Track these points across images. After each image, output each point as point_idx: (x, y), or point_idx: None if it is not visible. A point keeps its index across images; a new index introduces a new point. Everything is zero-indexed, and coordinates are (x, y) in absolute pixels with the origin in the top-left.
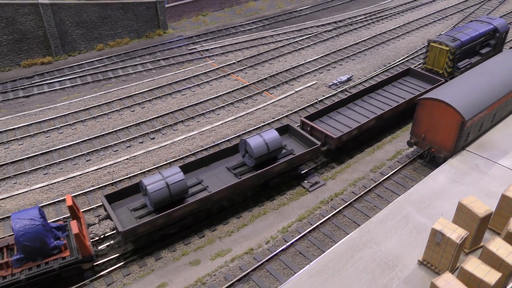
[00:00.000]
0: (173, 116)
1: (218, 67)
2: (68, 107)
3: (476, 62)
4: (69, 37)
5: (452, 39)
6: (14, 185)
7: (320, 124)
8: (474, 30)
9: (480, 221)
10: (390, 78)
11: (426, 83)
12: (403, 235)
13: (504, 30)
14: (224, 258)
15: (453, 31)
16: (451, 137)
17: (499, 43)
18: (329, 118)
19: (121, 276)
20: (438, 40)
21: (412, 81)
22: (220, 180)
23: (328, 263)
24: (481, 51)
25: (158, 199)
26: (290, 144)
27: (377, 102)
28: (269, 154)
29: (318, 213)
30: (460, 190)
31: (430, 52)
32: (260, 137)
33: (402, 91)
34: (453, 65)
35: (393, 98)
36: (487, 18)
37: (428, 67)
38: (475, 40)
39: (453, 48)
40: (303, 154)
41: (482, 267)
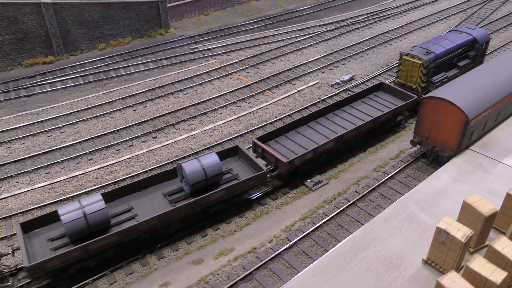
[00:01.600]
0: (175, 115)
1: (220, 66)
2: (70, 107)
3: (453, 75)
4: (71, 36)
5: (426, 52)
6: (16, 184)
7: (275, 145)
8: (450, 41)
9: (485, 220)
10: (361, 93)
11: (398, 99)
12: (407, 234)
13: (484, 41)
14: (227, 257)
15: (427, 43)
16: (455, 136)
17: (479, 54)
18: (286, 139)
19: (123, 275)
20: (411, 53)
21: (384, 97)
22: (153, 207)
23: (331, 262)
24: (459, 63)
25: (74, 230)
26: (237, 168)
27: (341, 121)
28: (207, 180)
29: (321, 212)
30: (464, 189)
31: (403, 65)
32: (197, 161)
33: (370, 108)
34: (427, 80)
35: (360, 116)
36: (466, 28)
37: (401, 81)
38: (452, 52)
39: (426, 61)
40: (247, 181)
41: (488, 266)
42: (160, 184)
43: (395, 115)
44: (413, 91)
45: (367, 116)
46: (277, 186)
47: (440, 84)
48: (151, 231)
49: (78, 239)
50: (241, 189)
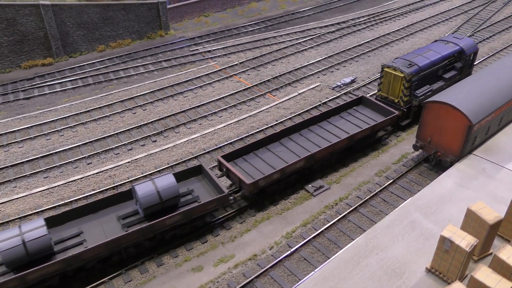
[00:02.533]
0: (175, 118)
1: (220, 68)
2: (69, 109)
3: (438, 88)
4: (70, 38)
5: (408, 64)
6: (14, 189)
7: (242, 163)
8: (436, 52)
9: (489, 228)
10: (341, 107)
11: (378, 115)
12: (410, 241)
13: (471, 52)
14: (227, 264)
15: (411, 54)
16: (458, 140)
17: (467, 65)
18: (255, 157)
19: (122, 282)
20: (392, 66)
21: (364, 111)
22: (104, 232)
23: (333, 270)
24: (445, 75)
25: (11, 258)
26: (200, 189)
27: (316, 138)
28: (162, 203)
29: (322, 218)
30: (467, 195)
31: (384, 78)
32: (152, 184)
33: (348, 124)
34: (410, 93)
35: (336, 132)
36: (453, 37)
37: (383, 95)
38: (437, 64)
39: (409, 74)
40: (206, 204)
41: (493, 276)
42: (117, 206)
43: (373, 132)
44: (395, 105)
45: (344, 133)
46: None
47: (424, 98)
48: (100, 258)
49: (18, 268)
50: (200, 213)
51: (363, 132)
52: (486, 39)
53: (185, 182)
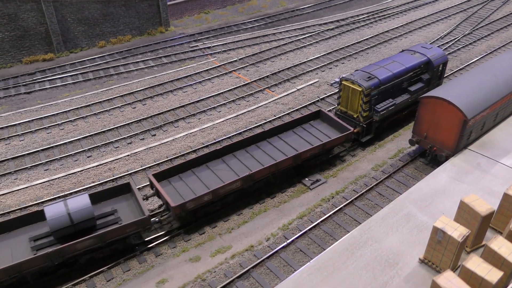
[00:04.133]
0: (174, 113)
1: (219, 64)
2: (70, 104)
3: (403, 102)
4: (71, 34)
5: (368, 77)
6: (15, 181)
7: (176, 182)
8: (400, 63)
9: (482, 219)
10: (296, 121)
11: (335, 131)
12: (404, 233)
13: (439, 63)
14: (224, 254)
15: (373, 66)
16: (453, 135)
17: (435, 77)
18: (192, 175)
19: (120, 272)
20: (350, 79)
21: (320, 127)
22: (12, 255)
23: (328, 260)
24: (411, 88)
25: None
26: (125, 209)
27: (262, 155)
28: (74, 226)
29: (319, 210)
30: (462, 188)
31: (343, 92)
32: (63, 205)
33: (300, 140)
34: (370, 108)
35: (285, 150)
36: (421, 47)
37: (342, 109)
38: (400, 76)
39: (367, 88)
40: (124, 227)
41: (484, 266)
42: (33, 225)
43: (325, 150)
44: (354, 120)
45: (293, 150)
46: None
47: (386, 113)
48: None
49: None
50: (118, 236)
51: (312, 150)
52: (484, 37)
53: (111, 201)
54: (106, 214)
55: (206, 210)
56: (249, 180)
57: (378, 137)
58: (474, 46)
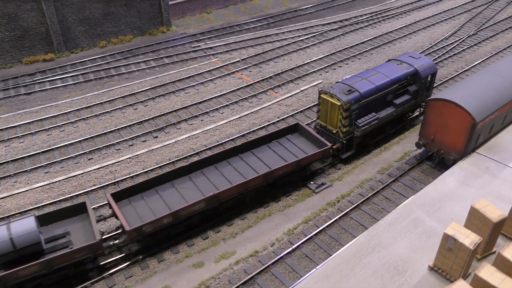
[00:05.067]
0: (177, 114)
1: (222, 65)
2: (70, 105)
3: (387, 116)
4: (72, 34)
5: (348, 91)
6: (15, 184)
7: (137, 201)
8: (384, 75)
9: (493, 226)
10: (271, 135)
11: (312, 146)
12: (412, 239)
13: (427, 73)
14: (228, 260)
15: (354, 78)
16: (461, 139)
17: (423, 88)
18: (155, 194)
19: (122, 278)
20: (329, 92)
21: (297, 141)
22: None
23: (335, 267)
24: (396, 101)
25: None
26: (79, 231)
27: (231, 172)
28: (18, 252)
29: (324, 215)
30: (471, 193)
31: (322, 105)
32: (5, 229)
33: (275, 156)
34: (350, 123)
35: (257, 167)
36: (408, 56)
37: (322, 123)
38: (384, 89)
39: (346, 103)
40: (73, 252)
41: (497, 275)
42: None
43: (300, 167)
44: (334, 136)
45: (266, 167)
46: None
47: (369, 127)
48: None
49: None
50: (66, 262)
51: (285, 167)
52: (489, 38)
53: (65, 222)
54: (57, 237)
55: (167, 232)
56: (214, 201)
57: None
58: (479, 47)
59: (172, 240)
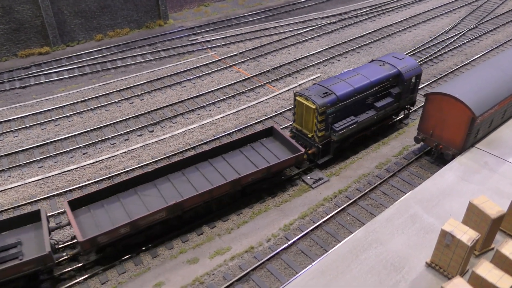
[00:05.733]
0: (173, 108)
1: (219, 58)
2: (65, 99)
3: (367, 119)
4: (68, 27)
5: (324, 93)
6: (8, 179)
7: (96, 209)
8: (364, 77)
9: (492, 222)
10: (245, 138)
11: (286, 151)
12: (410, 235)
13: (411, 75)
14: (223, 256)
15: (332, 79)
16: (461, 133)
17: (406, 91)
18: (117, 201)
19: (116, 274)
20: (304, 94)
21: (271, 146)
22: None
23: (331, 263)
24: (377, 103)
25: None
26: (32, 242)
27: (199, 179)
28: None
29: (321, 210)
30: (469, 189)
31: (297, 108)
32: None
33: (246, 161)
34: (327, 127)
35: (226, 172)
36: (392, 57)
37: (297, 127)
38: (363, 91)
39: (321, 106)
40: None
41: (495, 272)
42: None
43: (271, 174)
44: (309, 140)
45: (236, 174)
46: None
47: (347, 131)
48: None
49: None
50: (13, 275)
51: (254, 174)
52: (489, 32)
53: (19, 231)
54: (7, 247)
55: (126, 243)
56: (176, 210)
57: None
58: (479, 41)
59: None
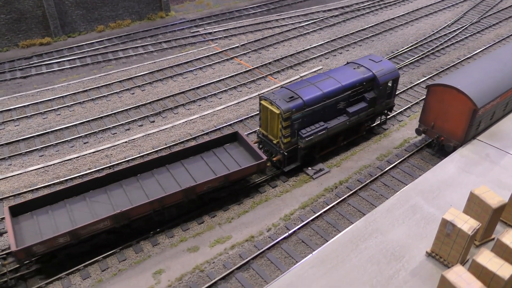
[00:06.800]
0: (174, 99)
1: (221, 50)
2: (66, 89)
3: (339, 125)
4: (69, 17)
5: (290, 97)
6: (9, 167)
7: (42, 215)
8: (335, 80)
9: (493, 212)
10: (208, 143)
11: (248, 159)
12: (410, 225)
13: (387, 79)
14: (223, 245)
15: (301, 83)
16: (462, 125)
17: (382, 95)
18: (64, 207)
19: (116, 261)
20: (269, 98)
21: (234, 152)
22: None
23: (331, 252)
24: (350, 109)
25: None
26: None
27: (153, 186)
28: None
29: (321, 201)
30: (470, 180)
31: (262, 112)
32: None
33: (205, 168)
34: (293, 133)
35: (183, 180)
36: (368, 60)
37: (263, 132)
38: (333, 96)
39: (286, 111)
40: None
41: (495, 260)
42: None
43: (229, 183)
44: (274, 146)
45: (192, 181)
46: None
47: (315, 138)
48: None
49: None
50: None
51: (210, 183)
52: (492, 26)
53: None
54: None
55: (69, 252)
56: (122, 219)
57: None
58: (482, 35)
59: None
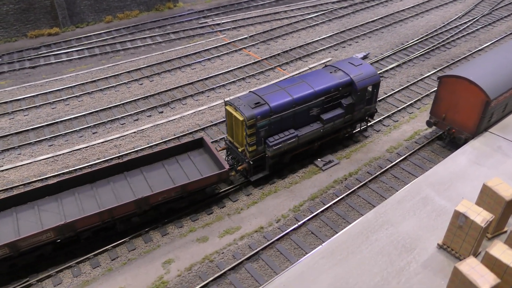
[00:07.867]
0: (183, 90)
1: (229, 41)
2: (75, 79)
3: (311, 133)
4: (77, 8)
5: (255, 103)
6: (19, 156)
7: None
8: (308, 85)
9: (506, 204)
10: (171, 149)
11: (211, 167)
12: (421, 217)
13: (366, 84)
14: (233, 235)
15: (271, 87)
16: (474, 117)
17: (360, 102)
18: (10, 215)
19: (125, 250)
20: (234, 104)
21: (197, 160)
22: None
23: (342, 244)
24: (324, 115)
25: None
26: None
27: (107, 196)
28: None
29: (331, 192)
30: (482, 172)
31: (227, 118)
32: None
33: (165, 176)
34: (259, 141)
35: (139, 188)
36: (348, 63)
37: (230, 139)
38: (306, 101)
39: (250, 118)
40: None
41: (509, 253)
42: None
43: (187, 193)
44: (240, 154)
45: (149, 191)
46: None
47: (284, 146)
48: None
49: None
50: None
51: (165, 193)
52: (504, 18)
53: None
54: None
55: (12, 263)
56: (67, 230)
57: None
58: (493, 27)
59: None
